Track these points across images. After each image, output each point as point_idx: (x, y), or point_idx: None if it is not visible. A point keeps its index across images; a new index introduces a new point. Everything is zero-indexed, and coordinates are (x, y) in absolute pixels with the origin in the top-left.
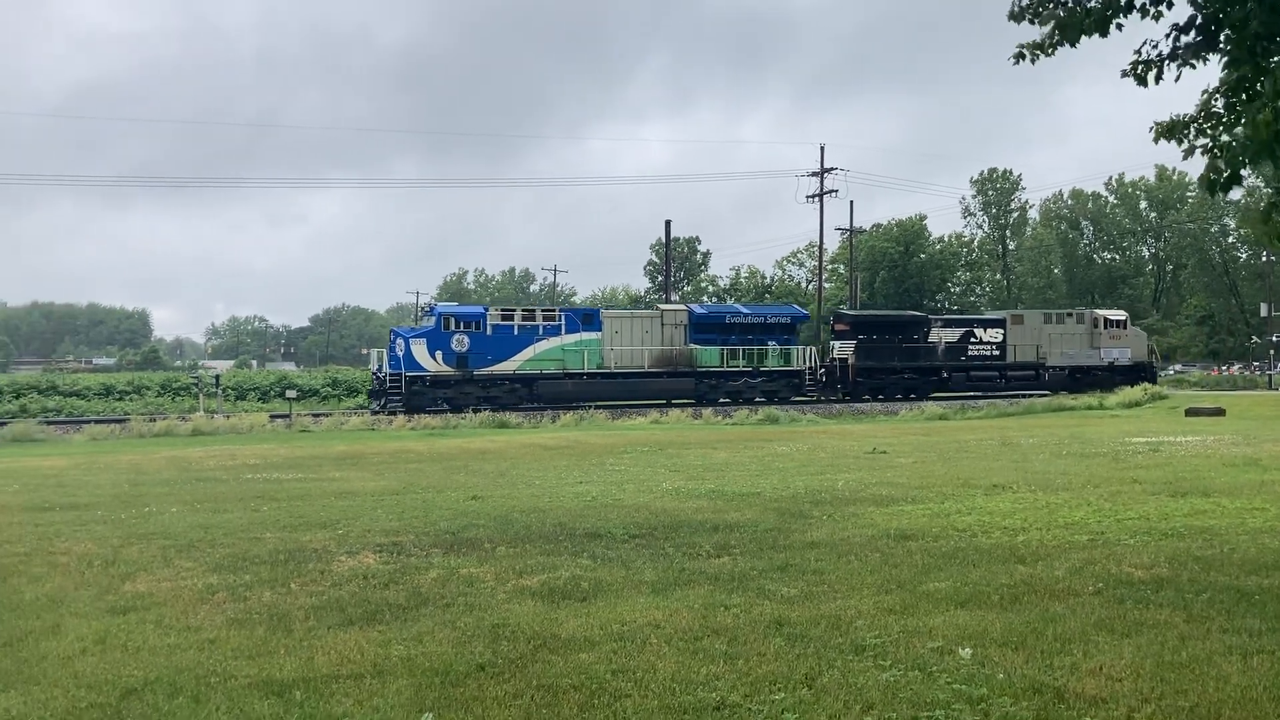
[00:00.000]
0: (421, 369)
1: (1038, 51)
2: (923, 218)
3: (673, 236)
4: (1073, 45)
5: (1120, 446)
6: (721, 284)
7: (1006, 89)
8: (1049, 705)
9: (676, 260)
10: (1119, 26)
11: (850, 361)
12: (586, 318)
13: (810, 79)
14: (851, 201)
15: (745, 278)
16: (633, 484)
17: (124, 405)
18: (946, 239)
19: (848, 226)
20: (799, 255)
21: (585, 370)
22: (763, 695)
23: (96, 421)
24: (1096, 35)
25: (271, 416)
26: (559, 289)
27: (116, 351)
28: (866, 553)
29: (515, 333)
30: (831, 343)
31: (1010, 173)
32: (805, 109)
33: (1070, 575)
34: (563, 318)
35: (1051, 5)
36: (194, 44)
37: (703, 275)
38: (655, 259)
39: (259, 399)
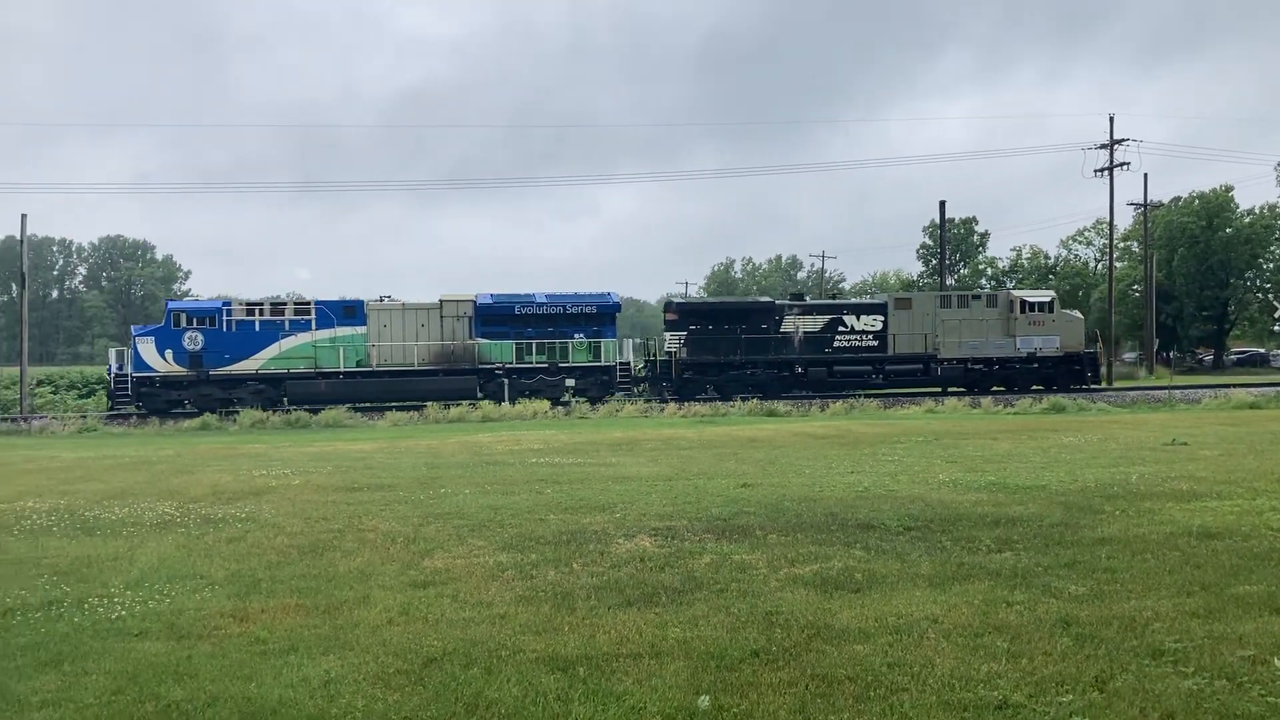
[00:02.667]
0: (150, 369)
1: None
2: (1229, 189)
3: (950, 217)
4: None
5: None
6: (1001, 265)
7: None
8: None
9: (952, 243)
10: None
11: (676, 355)
12: (348, 310)
13: (1141, 41)
14: (1145, 174)
15: (1027, 259)
16: (906, 475)
17: None
18: (1257, 211)
19: (1143, 201)
20: (1085, 233)
21: (342, 369)
22: (1049, 696)
23: (397, 409)
24: None
25: (553, 403)
26: (828, 275)
27: None
28: (1164, 551)
29: (258, 329)
30: (664, 334)
31: None
32: (1133, 75)
33: None
34: (315, 311)
35: None
36: (510, 44)
37: (980, 257)
38: (929, 242)
39: None
